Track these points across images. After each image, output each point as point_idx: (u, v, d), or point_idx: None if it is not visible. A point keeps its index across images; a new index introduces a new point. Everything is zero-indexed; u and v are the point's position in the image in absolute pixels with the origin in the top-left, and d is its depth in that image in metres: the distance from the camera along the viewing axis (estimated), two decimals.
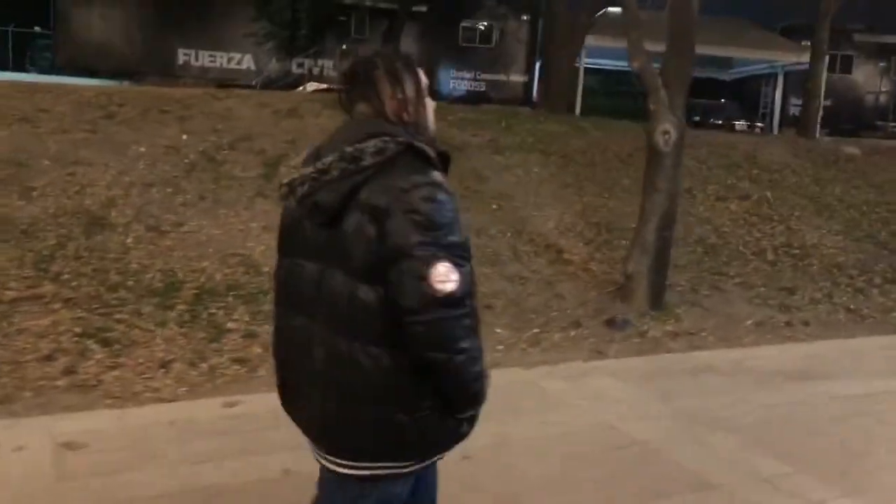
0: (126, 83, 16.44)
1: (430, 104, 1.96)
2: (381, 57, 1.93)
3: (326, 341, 1.82)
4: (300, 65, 21.74)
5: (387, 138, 1.79)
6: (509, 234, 7.80)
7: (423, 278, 1.71)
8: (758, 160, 11.42)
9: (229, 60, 21.44)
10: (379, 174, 1.77)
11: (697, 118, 22.90)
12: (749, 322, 6.72)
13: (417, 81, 1.92)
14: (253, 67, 21.32)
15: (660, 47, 6.63)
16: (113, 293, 5.57)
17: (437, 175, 1.78)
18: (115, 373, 4.62)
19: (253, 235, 6.73)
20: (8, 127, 7.56)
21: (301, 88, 21.30)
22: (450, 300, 1.72)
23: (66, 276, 5.67)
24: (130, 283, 5.75)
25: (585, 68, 19.21)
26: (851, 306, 7.39)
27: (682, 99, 6.60)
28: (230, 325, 5.40)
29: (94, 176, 7.10)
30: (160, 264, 6.06)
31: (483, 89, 23.25)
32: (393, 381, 1.79)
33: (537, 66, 21.69)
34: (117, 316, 5.28)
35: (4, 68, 19.62)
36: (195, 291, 5.76)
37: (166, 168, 7.50)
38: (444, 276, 1.72)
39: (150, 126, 8.19)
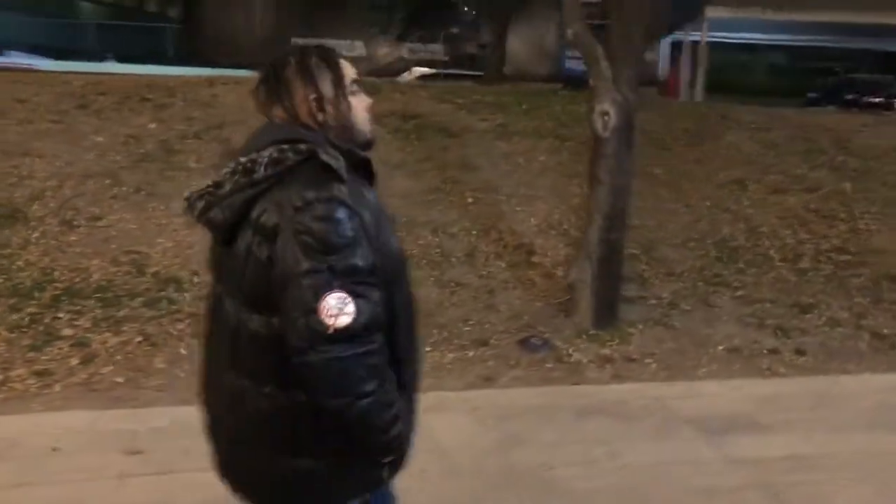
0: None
1: (362, 101, 1.77)
2: (295, 52, 1.74)
3: (226, 377, 1.71)
4: (412, 50, 21.40)
5: (285, 146, 1.62)
6: (475, 232, 6.87)
7: (313, 311, 1.53)
8: (850, 146, 9.63)
9: (340, 47, 21.40)
10: (275, 188, 1.60)
11: (851, 96, 20.29)
12: (721, 347, 5.43)
13: (338, 77, 1.73)
14: (365, 54, 21.19)
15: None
16: None
17: (339, 189, 1.57)
18: None
19: (168, 232, 6.28)
20: None
21: (407, 74, 20.95)
22: (344, 336, 1.53)
23: None
24: (0, 280, 5.47)
25: (710, 43, 17.44)
26: (885, 331, 5.84)
27: (632, 72, 5.37)
28: (66, 331, 4.96)
29: (37, 167, 6.93)
30: (47, 261, 5.75)
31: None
32: (291, 424, 1.64)
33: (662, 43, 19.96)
34: None
35: (133, 61, 20.66)
36: (58, 293, 5.37)
37: (117, 158, 7.22)
38: (337, 309, 1.53)
39: (122, 115, 7.96)
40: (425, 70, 20.85)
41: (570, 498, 3.47)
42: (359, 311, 1.54)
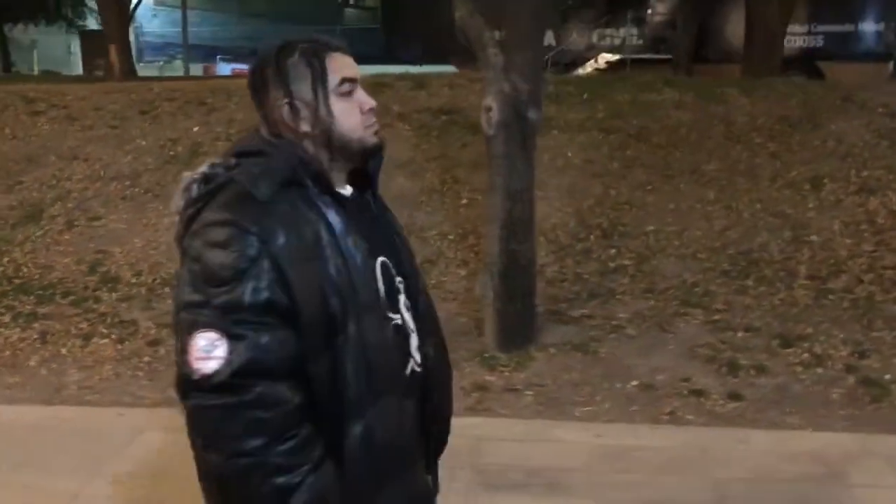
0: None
1: (354, 104, 1.52)
2: (279, 48, 1.53)
3: None
4: (603, 37, 20.36)
5: (217, 162, 1.50)
6: (451, 237, 6.42)
7: (183, 351, 1.37)
8: None
9: None
10: (205, 208, 1.46)
11: None
12: (634, 383, 4.58)
13: (321, 78, 1.49)
14: (553, 44, 20.53)
15: None
16: None
17: (244, 212, 1.38)
18: None
19: (148, 232, 6.59)
20: (51, 122, 8.48)
21: (593, 62, 20.05)
22: (211, 384, 1.34)
23: None
24: None
25: None
26: (886, 377, 4.56)
27: (527, 59, 4.61)
28: None
29: (77, 170, 7.61)
30: (24, 259, 6.30)
31: (820, 44, 18.93)
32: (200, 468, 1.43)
33: None
34: None
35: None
36: (8, 288, 5.86)
37: (148, 161, 7.70)
38: (204, 351, 1.35)
39: (174, 119, 8.45)
40: (612, 57, 19.82)
41: None
42: (231, 354, 1.33)
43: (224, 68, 24.43)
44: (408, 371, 1.55)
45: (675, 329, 5.16)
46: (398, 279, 1.57)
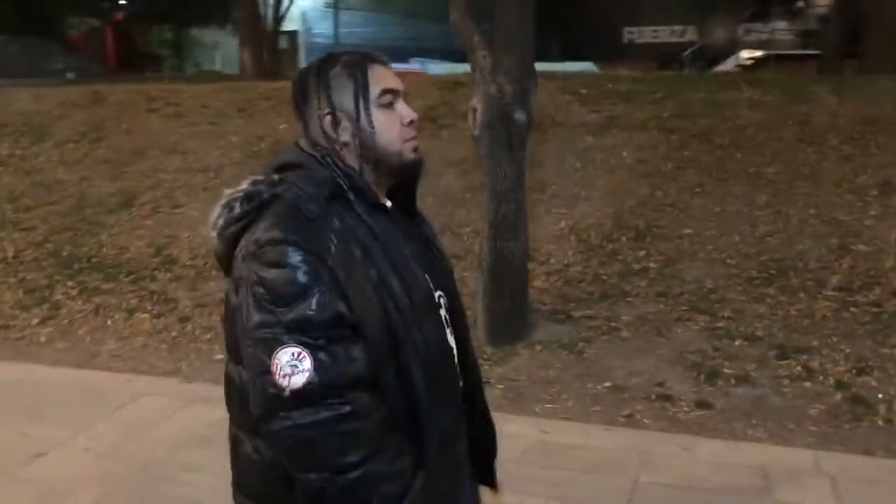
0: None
1: (394, 116, 1.50)
2: (322, 60, 1.54)
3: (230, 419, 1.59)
4: (749, 31, 19.38)
5: (261, 179, 1.48)
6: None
7: (266, 371, 1.34)
8: None
9: (672, 34, 20.25)
10: (251, 225, 1.43)
11: None
12: (607, 384, 4.58)
13: (362, 87, 1.48)
14: (696, 39, 19.75)
15: None
16: (50, 258, 6.82)
17: (294, 229, 1.38)
18: None
19: None
20: (162, 119, 9.37)
21: (733, 58, 19.23)
22: (304, 399, 1.32)
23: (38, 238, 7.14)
24: (66, 251, 6.92)
25: None
26: (878, 395, 4.30)
27: (517, 62, 4.68)
28: (57, 295, 6.15)
29: (172, 162, 8.40)
30: (108, 240, 7.07)
31: None
32: (282, 483, 1.42)
33: None
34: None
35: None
36: (85, 265, 6.63)
37: (234, 155, 8.36)
38: (290, 367, 1.32)
39: (267, 117, 9.08)
40: (753, 53, 18.89)
41: None
42: (318, 367, 1.32)
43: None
44: (460, 382, 1.59)
45: (671, 334, 5.06)
46: (437, 293, 1.56)
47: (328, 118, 1.48)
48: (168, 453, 3.92)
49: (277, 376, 1.32)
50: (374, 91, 1.48)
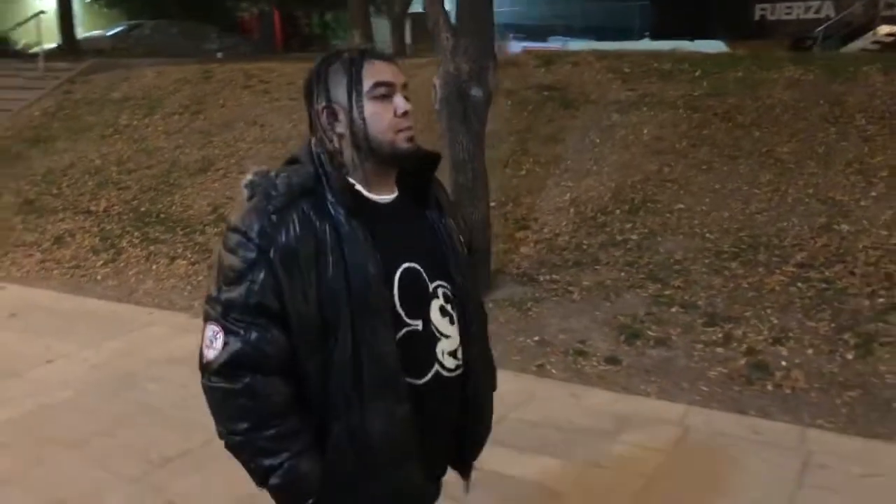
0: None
1: (388, 108, 1.58)
2: (325, 58, 1.65)
3: None
4: (890, 5, 18.06)
5: (259, 170, 1.60)
6: (492, 203, 7.01)
7: (202, 337, 1.58)
8: None
9: (807, 10, 19.22)
10: (231, 213, 1.62)
11: None
12: (535, 338, 5.04)
13: (355, 80, 1.57)
14: (832, 14, 18.64)
15: None
16: (130, 213, 8.00)
17: (247, 219, 1.53)
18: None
19: None
20: (252, 94, 10.42)
21: (871, 34, 18.12)
22: (211, 370, 1.54)
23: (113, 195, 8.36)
24: (144, 207, 8.07)
25: None
26: (782, 363, 4.50)
27: (476, 44, 5.14)
28: (123, 243, 7.27)
29: (249, 133, 9.42)
30: (180, 200, 8.16)
31: None
32: None
33: None
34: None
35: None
36: (153, 220, 7.73)
37: (302, 129, 9.20)
38: (209, 341, 1.55)
39: None
40: (893, 28, 17.72)
41: None
42: (225, 347, 1.51)
43: (515, 46, 25.24)
44: (428, 377, 1.61)
45: (618, 299, 5.40)
46: (434, 284, 1.63)
47: (325, 111, 1.59)
48: (144, 368, 4.81)
49: (202, 345, 1.56)
50: (367, 84, 1.56)
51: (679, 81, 8.32)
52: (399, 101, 1.58)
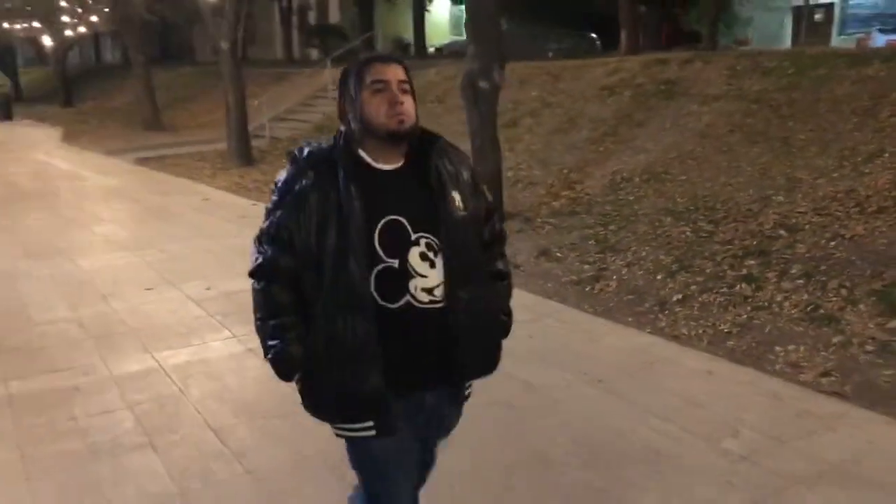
0: None
1: (382, 98, 2.03)
2: (350, 63, 2.16)
3: None
4: None
5: (300, 146, 2.15)
6: (553, 168, 9.13)
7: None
8: None
9: None
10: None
11: None
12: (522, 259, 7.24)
13: (359, 80, 2.06)
14: None
15: None
16: None
17: (283, 173, 2.09)
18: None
19: None
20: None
21: None
22: (251, 273, 2.11)
23: None
24: None
25: None
26: (625, 278, 6.22)
27: (483, 49, 7.47)
28: None
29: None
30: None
31: None
32: None
33: None
34: None
35: None
36: None
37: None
38: (250, 255, 2.11)
39: (523, 89, 12.34)
40: None
41: None
42: (255, 261, 2.09)
43: (879, 39, 21.89)
44: (400, 303, 2.02)
45: (569, 236, 7.30)
46: (417, 234, 2.04)
47: (343, 101, 2.14)
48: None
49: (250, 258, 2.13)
50: (367, 80, 2.06)
51: (769, 78, 9.38)
52: (392, 94, 2.03)
